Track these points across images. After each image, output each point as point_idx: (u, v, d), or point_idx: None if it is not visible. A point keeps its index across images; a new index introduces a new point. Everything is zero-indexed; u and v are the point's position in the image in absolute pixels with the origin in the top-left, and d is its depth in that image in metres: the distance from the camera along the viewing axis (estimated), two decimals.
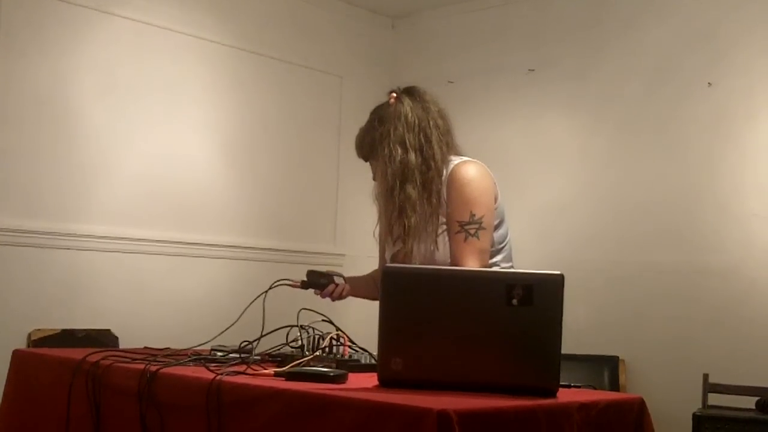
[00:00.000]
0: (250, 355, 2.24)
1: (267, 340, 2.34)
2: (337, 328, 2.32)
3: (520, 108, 5.11)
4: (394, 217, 2.59)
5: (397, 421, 1.62)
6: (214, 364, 2.15)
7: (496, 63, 5.21)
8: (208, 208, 4.73)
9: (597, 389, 2.27)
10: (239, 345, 2.35)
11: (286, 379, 1.96)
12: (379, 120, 2.64)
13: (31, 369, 2.54)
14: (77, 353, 2.38)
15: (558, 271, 1.88)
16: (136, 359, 2.25)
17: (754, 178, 4.23)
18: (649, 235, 4.51)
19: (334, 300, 2.75)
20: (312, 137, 5.25)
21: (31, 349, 3.51)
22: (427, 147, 2.57)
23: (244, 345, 2.34)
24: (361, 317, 3.15)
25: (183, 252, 4.59)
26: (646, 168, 4.57)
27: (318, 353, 2.21)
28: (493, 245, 2.57)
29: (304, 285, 2.72)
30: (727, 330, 4.20)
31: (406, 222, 2.55)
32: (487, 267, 2.52)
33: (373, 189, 2.73)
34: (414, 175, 2.54)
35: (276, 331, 2.33)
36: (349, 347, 2.30)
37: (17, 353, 2.62)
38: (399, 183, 2.55)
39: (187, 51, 4.67)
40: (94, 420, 2.21)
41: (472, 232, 2.49)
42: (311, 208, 5.24)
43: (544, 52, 5.01)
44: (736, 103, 4.31)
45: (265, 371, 2.05)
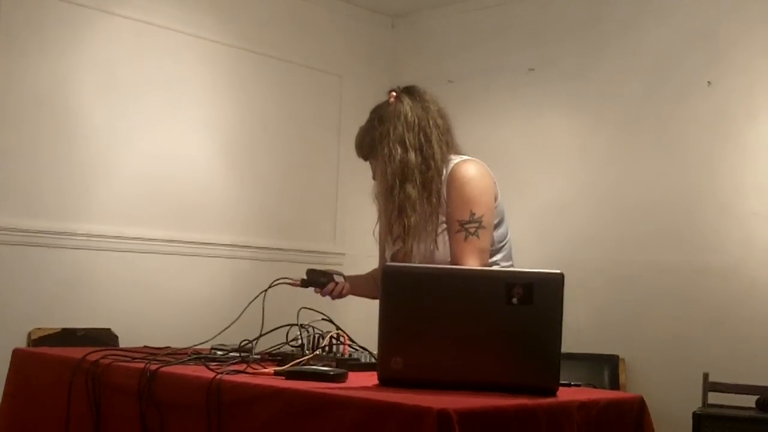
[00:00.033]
0: (250, 354, 2.24)
1: (267, 339, 2.34)
2: (337, 327, 2.32)
3: (519, 107, 5.11)
4: (393, 216, 2.59)
5: (397, 420, 1.62)
6: (214, 363, 2.15)
7: (495, 62, 5.21)
8: (208, 207, 4.73)
9: (597, 388, 2.28)
10: (239, 344, 2.36)
11: (286, 378, 1.96)
12: (379, 119, 2.64)
13: (31, 368, 2.54)
14: (77, 352, 2.38)
15: (558, 270, 1.88)
16: (136, 358, 2.25)
17: (754, 177, 4.23)
18: (649, 234, 4.51)
19: (334, 298, 2.75)
20: (312, 136, 5.25)
21: (31, 348, 3.51)
22: (426, 146, 2.57)
23: (244, 344, 2.35)
24: (361, 316, 3.15)
25: (183, 251, 4.59)
26: (646, 167, 4.57)
27: (318, 352, 2.21)
28: (493, 244, 2.57)
29: (304, 283, 2.72)
30: (727, 329, 4.19)
31: (405, 221, 2.55)
32: (487, 266, 2.52)
33: (373, 188, 2.73)
34: (414, 175, 2.54)
35: (276, 330, 2.33)
36: (349, 346, 2.30)
37: (17, 352, 2.62)
38: (399, 182, 2.55)
39: (187, 50, 4.67)
40: (94, 419, 2.21)
41: (472, 231, 2.49)
42: (311, 207, 5.24)
43: (544, 52, 5.01)
44: (736, 103, 4.31)
45: (265, 370, 2.05)
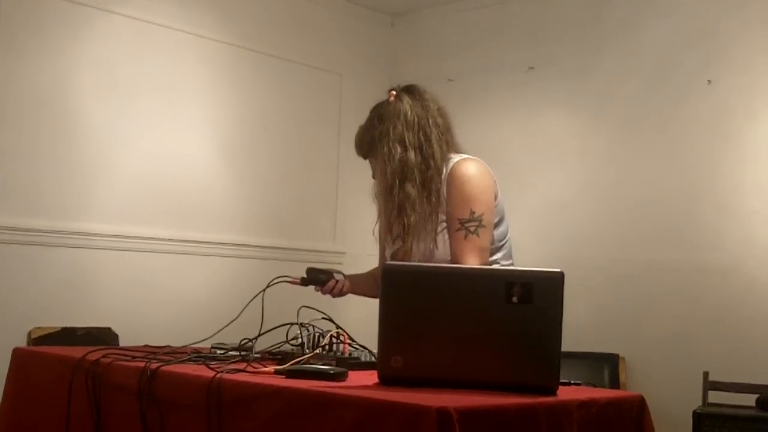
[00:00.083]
0: (250, 353, 2.24)
1: (267, 337, 2.34)
2: (337, 326, 2.32)
3: (519, 106, 5.11)
4: (393, 215, 2.58)
5: (398, 418, 1.62)
6: (214, 362, 2.15)
7: (495, 61, 5.21)
8: (207, 206, 4.73)
9: (597, 387, 2.28)
10: (239, 343, 2.36)
11: (287, 377, 1.96)
12: (379, 118, 2.64)
13: (32, 367, 2.54)
14: (77, 351, 2.38)
15: (558, 269, 1.88)
16: (137, 357, 2.25)
17: (754, 176, 4.23)
18: (649, 233, 4.51)
19: (334, 296, 2.75)
20: (312, 135, 5.25)
21: (31, 348, 3.50)
22: (426, 145, 2.56)
23: (244, 343, 2.35)
24: (361, 315, 3.15)
25: (183, 250, 4.59)
26: (646, 166, 4.56)
27: (318, 351, 2.21)
28: (493, 243, 2.57)
29: (304, 282, 2.72)
30: (727, 328, 4.20)
31: (405, 221, 2.54)
32: (487, 265, 2.52)
33: (373, 187, 2.73)
34: (413, 174, 2.54)
35: (276, 328, 2.33)
36: (349, 345, 2.30)
37: (17, 351, 2.62)
38: (398, 181, 2.55)
39: (187, 49, 4.66)
40: (94, 418, 2.21)
41: (472, 229, 2.49)
42: (311, 206, 5.24)
43: (544, 51, 5.01)
44: (736, 101, 4.31)
45: (265, 369, 2.05)
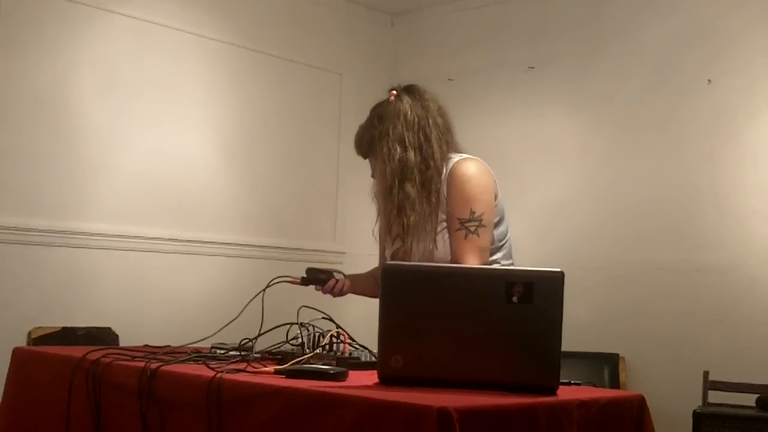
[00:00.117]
0: (250, 353, 2.24)
1: (267, 337, 2.34)
2: (338, 326, 2.32)
3: (519, 106, 5.11)
4: (393, 215, 2.58)
5: (398, 418, 1.62)
6: (214, 362, 2.15)
7: (495, 60, 5.21)
8: (207, 206, 4.73)
9: (597, 387, 2.28)
10: (239, 342, 2.36)
11: (287, 377, 1.96)
12: (379, 118, 2.64)
13: (32, 367, 2.54)
14: (77, 351, 2.38)
15: (558, 269, 1.88)
16: (137, 357, 2.25)
17: (754, 175, 4.23)
18: (649, 232, 4.51)
19: (335, 296, 2.75)
20: (312, 135, 5.25)
21: (31, 347, 3.50)
22: (426, 146, 2.56)
23: (244, 342, 2.35)
24: (361, 315, 3.15)
25: (183, 250, 4.59)
26: (646, 165, 4.56)
27: (318, 351, 2.21)
28: (493, 243, 2.57)
29: (304, 282, 2.72)
30: (727, 327, 4.19)
31: (405, 221, 2.54)
32: (487, 264, 2.52)
33: (372, 187, 2.73)
34: (413, 174, 2.54)
35: (276, 328, 2.33)
36: (350, 345, 2.30)
37: (17, 351, 2.62)
38: (398, 182, 2.55)
39: (186, 49, 4.66)
40: (94, 418, 2.21)
41: (472, 229, 2.49)
42: (311, 206, 5.24)
43: (544, 50, 5.01)
44: (736, 101, 4.31)
45: (266, 369, 2.05)
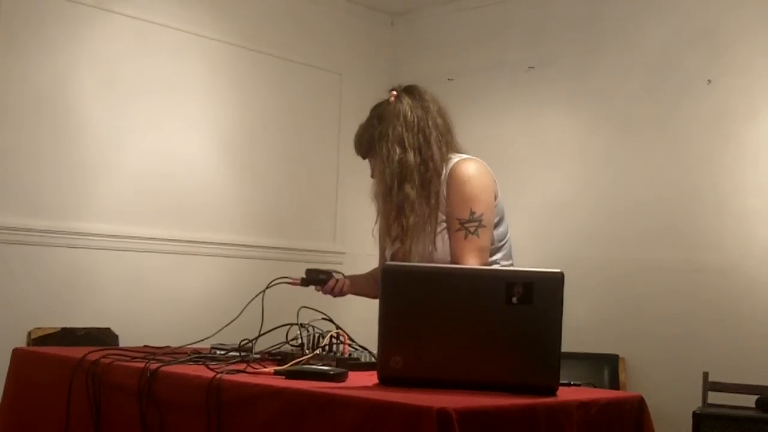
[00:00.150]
0: (250, 354, 2.24)
1: (267, 338, 2.34)
2: (337, 327, 2.32)
3: (519, 106, 5.11)
4: (392, 216, 2.59)
5: (397, 419, 1.62)
6: (213, 363, 2.15)
7: (495, 60, 5.21)
8: (207, 206, 4.72)
9: (597, 387, 2.27)
10: (239, 343, 2.35)
11: (286, 378, 1.96)
12: (379, 118, 2.63)
13: (31, 367, 2.54)
14: (77, 351, 2.38)
15: (558, 269, 1.88)
16: (136, 357, 2.25)
17: (754, 175, 4.23)
18: (649, 232, 4.51)
19: (335, 296, 2.75)
20: (312, 135, 5.25)
21: (31, 348, 3.51)
22: (425, 147, 2.56)
23: (244, 343, 2.35)
24: (361, 315, 3.15)
25: (183, 250, 4.58)
26: (646, 165, 4.56)
27: (318, 351, 2.21)
28: (493, 243, 2.57)
29: (304, 282, 2.73)
30: (727, 328, 4.19)
31: (404, 222, 2.54)
32: (487, 265, 2.52)
33: (371, 187, 2.72)
34: (412, 175, 2.54)
35: (276, 329, 2.33)
36: (349, 345, 2.30)
37: (17, 351, 2.63)
38: (397, 183, 2.54)
39: (186, 48, 4.66)
40: (94, 418, 2.21)
41: (472, 229, 2.49)
42: (311, 206, 5.23)
43: (544, 50, 5.01)
44: (736, 101, 4.30)
45: (265, 369, 2.05)
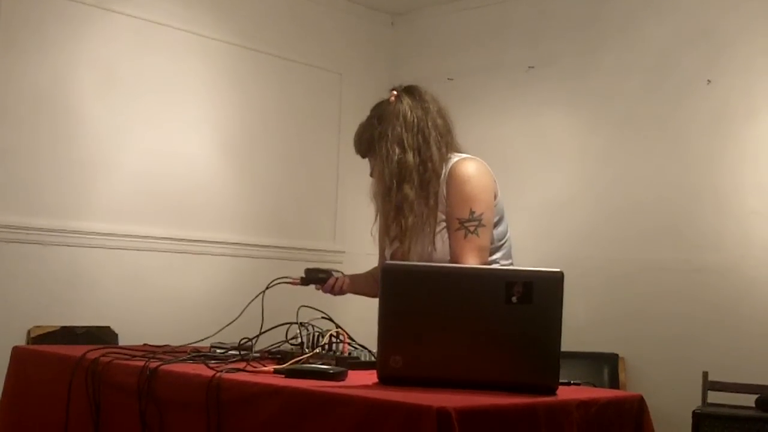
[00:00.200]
0: (249, 352, 2.24)
1: (266, 337, 2.34)
2: (337, 326, 2.32)
3: (519, 105, 5.11)
4: (391, 217, 2.59)
5: (397, 418, 1.62)
6: (213, 361, 2.15)
7: (495, 60, 5.21)
8: (207, 205, 4.72)
9: (597, 387, 2.28)
10: (239, 342, 2.36)
11: (286, 377, 1.96)
12: (378, 118, 2.63)
13: (31, 366, 2.54)
14: (77, 350, 2.38)
15: (558, 269, 1.88)
16: (136, 356, 2.25)
17: (754, 175, 4.23)
18: (649, 232, 4.51)
19: (335, 294, 2.75)
20: (311, 134, 5.25)
21: (30, 346, 3.50)
22: (425, 147, 2.56)
23: (243, 342, 2.35)
24: (360, 314, 3.15)
25: (183, 249, 4.58)
26: (646, 165, 4.56)
27: (317, 350, 2.21)
28: (492, 242, 2.57)
29: (304, 281, 2.73)
30: (726, 328, 4.19)
31: (403, 222, 2.54)
32: (486, 264, 2.52)
33: (371, 187, 2.72)
34: (411, 176, 2.54)
35: (275, 328, 2.33)
36: (349, 344, 2.30)
37: (17, 350, 2.62)
38: (396, 183, 2.54)
39: (186, 48, 4.66)
40: (93, 417, 2.21)
41: (472, 229, 2.49)
42: (311, 205, 5.23)
43: (544, 50, 5.01)
44: (736, 101, 4.30)
45: (265, 368, 2.05)
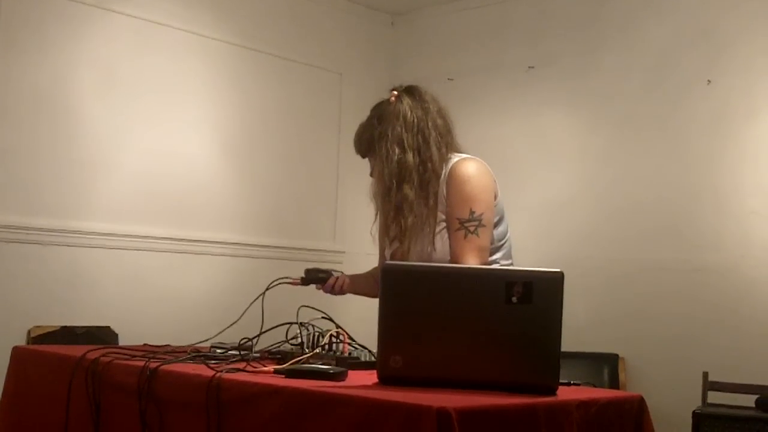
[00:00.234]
0: (249, 353, 2.24)
1: (267, 337, 2.34)
2: (337, 326, 2.32)
3: (519, 105, 5.11)
4: (391, 217, 2.59)
5: (397, 418, 1.62)
6: (213, 361, 2.15)
7: (495, 60, 5.21)
8: (207, 205, 4.72)
9: (597, 387, 2.27)
10: (239, 342, 2.36)
11: (286, 377, 1.96)
12: (379, 118, 2.64)
13: (31, 366, 2.54)
14: (77, 350, 2.38)
15: (558, 269, 1.88)
16: (136, 356, 2.25)
17: (754, 176, 4.23)
18: (649, 232, 4.51)
19: (335, 294, 2.75)
20: (311, 134, 5.25)
21: (30, 346, 3.50)
22: (425, 148, 2.56)
23: (243, 342, 2.35)
24: (360, 314, 3.15)
25: (183, 249, 4.58)
26: (646, 165, 4.56)
27: (318, 350, 2.21)
28: (492, 242, 2.57)
29: (304, 281, 2.73)
30: (726, 328, 4.19)
31: (402, 222, 2.54)
32: (486, 264, 2.52)
33: (371, 187, 2.72)
34: (411, 176, 2.54)
35: (275, 328, 2.33)
36: (349, 344, 2.30)
37: (17, 350, 2.62)
38: (396, 183, 2.55)
39: (186, 48, 4.66)
40: (93, 417, 2.21)
41: (472, 229, 2.49)
42: (311, 205, 5.23)
43: (544, 50, 5.01)
44: (736, 101, 4.30)
45: (265, 368, 2.05)
